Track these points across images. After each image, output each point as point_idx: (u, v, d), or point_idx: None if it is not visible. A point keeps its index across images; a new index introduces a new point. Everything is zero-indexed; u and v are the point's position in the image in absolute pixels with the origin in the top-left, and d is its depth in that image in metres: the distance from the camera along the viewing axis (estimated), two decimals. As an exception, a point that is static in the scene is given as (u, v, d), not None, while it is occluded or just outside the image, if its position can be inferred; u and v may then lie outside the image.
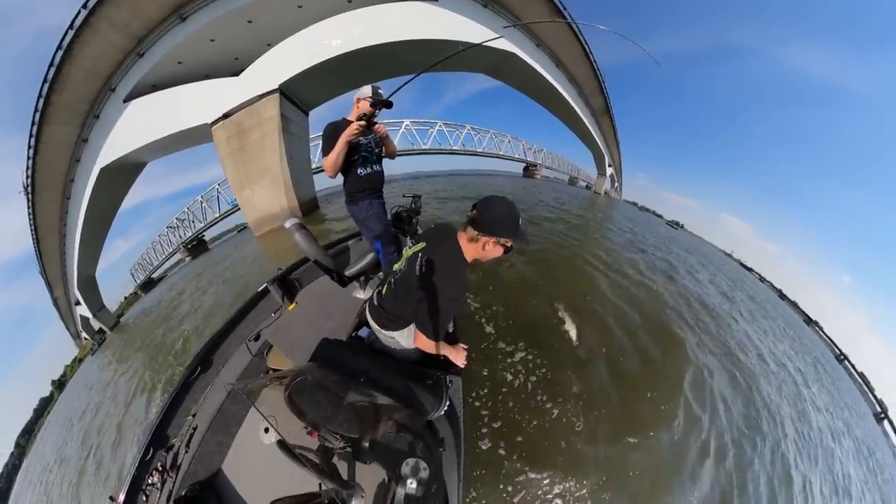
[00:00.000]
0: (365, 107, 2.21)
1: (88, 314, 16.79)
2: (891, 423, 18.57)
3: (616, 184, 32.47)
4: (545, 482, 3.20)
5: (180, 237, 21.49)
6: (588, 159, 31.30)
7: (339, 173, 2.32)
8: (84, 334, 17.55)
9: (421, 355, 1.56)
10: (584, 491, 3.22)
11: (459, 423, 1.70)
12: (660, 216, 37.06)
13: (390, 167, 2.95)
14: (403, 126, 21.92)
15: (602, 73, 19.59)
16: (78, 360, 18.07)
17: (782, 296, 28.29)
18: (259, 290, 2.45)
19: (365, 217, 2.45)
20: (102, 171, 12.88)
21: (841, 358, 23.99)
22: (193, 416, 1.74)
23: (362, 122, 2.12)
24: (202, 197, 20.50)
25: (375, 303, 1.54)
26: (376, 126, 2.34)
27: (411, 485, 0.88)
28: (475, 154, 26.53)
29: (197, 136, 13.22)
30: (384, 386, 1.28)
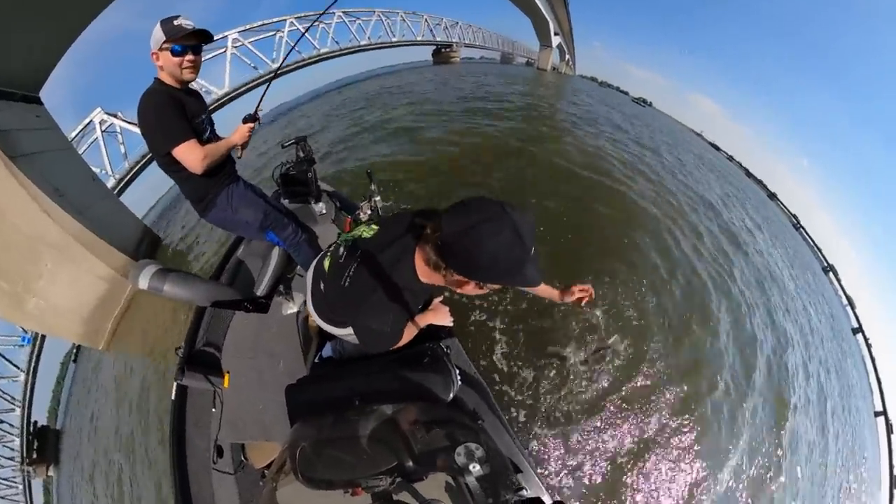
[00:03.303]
0: (169, 59, 1.59)
1: None
2: (835, 274, 27.16)
3: (567, 56, 26.51)
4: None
5: (10, 458, 14.57)
6: (525, 29, 24.54)
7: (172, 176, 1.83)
8: None
9: None
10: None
11: (481, 384, 1.61)
12: (625, 93, 33.56)
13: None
14: (230, 45, 13.92)
15: None
16: None
17: (749, 174, 29.85)
18: (173, 397, 1.99)
19: (233, 212, 1.96)
20: None
21: (797, 226, 28.45)
22: None
23: (252, 126, 1.85)
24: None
25: (322, 289, 1.19)
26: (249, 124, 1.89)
27: (475, 468, 0.86)
28: (358, 51, 19.33)
29: None
30: (383, 394, 1.16)
